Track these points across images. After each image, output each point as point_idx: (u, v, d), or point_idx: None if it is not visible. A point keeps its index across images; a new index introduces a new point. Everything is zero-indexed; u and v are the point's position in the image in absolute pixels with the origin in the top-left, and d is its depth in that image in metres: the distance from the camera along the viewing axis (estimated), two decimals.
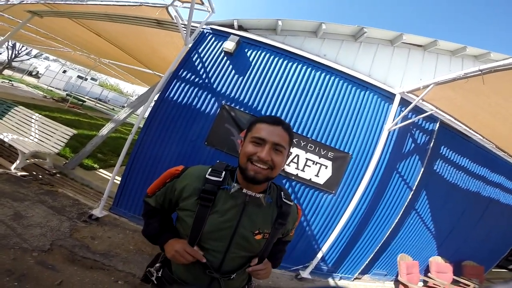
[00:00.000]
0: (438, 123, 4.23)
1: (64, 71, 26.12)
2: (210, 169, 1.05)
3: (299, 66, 3.99)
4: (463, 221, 4.75)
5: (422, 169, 4.20)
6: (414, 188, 4.20)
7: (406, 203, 4.21)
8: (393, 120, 3.90)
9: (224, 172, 1.05)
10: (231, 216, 0.99)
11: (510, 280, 5.68)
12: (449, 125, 4.29)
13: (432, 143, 4.21)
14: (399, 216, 4.22)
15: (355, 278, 4.39)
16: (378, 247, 4.27)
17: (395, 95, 4.00)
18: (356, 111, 4.01)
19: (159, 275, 1.10)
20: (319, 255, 3.91)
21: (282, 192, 1.12)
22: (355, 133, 3.97)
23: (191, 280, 1.05)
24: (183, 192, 1.03)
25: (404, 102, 3.97)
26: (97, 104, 22.94)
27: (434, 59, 4.51)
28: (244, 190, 1.00)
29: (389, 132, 3.91)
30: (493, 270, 5.78)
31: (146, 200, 1.17)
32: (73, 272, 2.38)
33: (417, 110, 3.93)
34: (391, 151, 4.05)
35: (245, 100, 3.86)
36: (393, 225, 4.23)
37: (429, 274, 4.58)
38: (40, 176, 3.93)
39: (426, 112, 3.83)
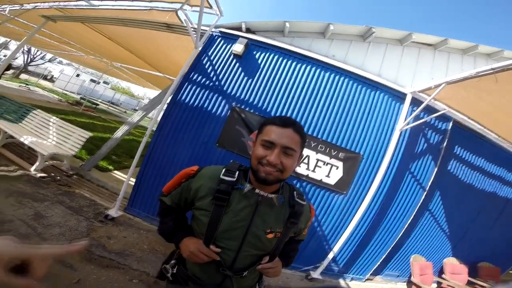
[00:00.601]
0: (451, 122, 4.15)
1: (78, 75, 26.82)
2: (224, 169, 1.07)
3: (308, 67, 4.00)
4: (479, 222, 4.64)
5: (436, 169, 4.13)
6: (427, 189, 4.14)
7: (419, 204, 4.15)
8: (405, 120, 3.85)
9: (237, 172, 1.06)
10: (244, 215, 1.02)
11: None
12: (462, 124, 4.20)
13: (445, 143, 4.13)
14: (412, 216, 4.16)
15: (366, 279, 4.35)
16: (390, 248, 4.22)
17: (406, 94, 3.96)
18: (367, 111, 3.98)
19: (174, 271, 1.14)
20: (330, 255, 3.90)
21: (294, 192, 1.13)
22: (366, 133, 3.95)
23: (205, 278, 1.08)
24: (198, 191, 1.05)
25: (415, 102, 3.92)
26: (109, 107, 23.43)
27: (445, 58, 4.44)
28: (257, 190, 1.02)
29: (400, 132, 3.87)
30: (510, 272, 5.62)
31: (161, 199, 1.20)
32: (90, 270, 2.45)
33: (429, 110, 3.87)
34: (403, 151, 4.00)
35: (255, 102, 3.89)
36: (406, 225, 4.17)
37: (443, 276, 4.50)
38: (58, 178, 4.07)
39: (439, 111, 3.78)
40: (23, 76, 20.45)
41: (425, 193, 4.15)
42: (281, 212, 1.08)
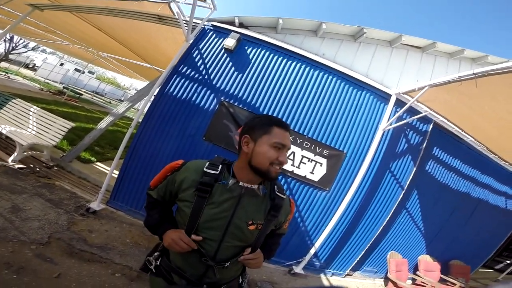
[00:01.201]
0: (431, 124, 4.30)
1: (61, 64, 25.77)
2: (208, 163, 1.11)
3: (298, 65, 4.03)
4: (452, 221, 4.86)
5: (415, 169, 4.28)
6: (405, 187, 4.28)
7: (397, 202, 4.29)
8: (388, 120, 3.96)
9: (220, 166, 1.11)
10: (226, 207, 1.05)
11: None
12: (442, 127, 4.37)
13: (425, 144, 4.28)
14: (390, 214, 4.30)
15: (346, 275, 4.47)
16: (369, 245, 4.35)
17: (391, 95, 4.06)
18: (352, 111, 4.06)
19: (158, 263, 1.16)
20: (312, 251, 3.98)
21: (275, 186, 1.17)
22: (350, 132, 4.03)
23: (188, 268, 1.10)
24: (182, 184, 1.09)
25: (399, 103, 4.03)
26: (94, 97, 22.76)
27: (432, 61, 4.57)
28: (241, 183, 1.06)
29: (383, 132, 3.98)
30: (480, 270, 5.90)
31: (148, 192, 1.23)
32: (71, 264, 2.41)
33: (412, 111, 3.99)
34: (385, 150, 4.12)
35: (244, 97, 3.90)
36: (384, 223, 4.31)
37: (417, 272, 4.69)
38: (38, 169, 3.94)
39: (421, 113, 3.90)
40: (3, 64, 19.53)
41: (403, 191, 4.29)
42: (262, 205, 1.13)
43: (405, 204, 4.45)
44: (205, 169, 1.07)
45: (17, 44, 21.38)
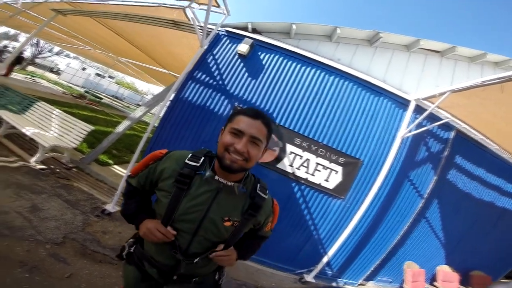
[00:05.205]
0: (454, 132, 4.12)
1: (84, 69, 26.91)
2: (191, 154, 1.10)
3: (313, 70, 3.98)
4: (474, 231, 4.62)
5: (435, 178, 4.11)
6: (425, 196, 4.12)
7: (416, 211, 4.13)
8: (407, 127, 3.83)
9: (202, 158, 1.09)
10: (203, 200, 1.04)
11: (509, 281, 5.45)
12: (465, 134, 4.18)
13: (446, 152, 4.10)
14: (408, 223, 4.15)
15: (359, 284, 4.34)
16: (385, 254, 4.21)
17: (409, 101, 3.93)
18: (369, 117, 3.96)
19: (131, 250, 1.17)
20: (325, 259, 3.89)
21: (258, 184, 1.13)
22: (367, 139, 3.93)
23: (161, 259, 1.10)
24: (163, 173, 1.08)
25: (419, 109, 3.89)
26: (113, 101, 23.50)
27: (451, 65, 4.41)
28: (216, 177, 1.04)
29: (402, 139, 3.85)
30: (501, 280, 5.59)
31: (128, 180, 1.22)
32: (83, 265, 2.44)
33: (432, 118, 3.84)
34: (403, 158, 3.98)
35: (257, 103, 3.89)
36: (402, 232, 4.16)
37: (435, 283, 4.53)
38: (57, 170, 4.07)
39: (442, 120, 3.76)
40: (30, 68, 20.59)
41: (423, 200, 4.13)
42: (241, 202, 1.09)
43: (424, 213, 4.28)
44: (186, 161, 1.07)
45: (42, 49, 22.59)
